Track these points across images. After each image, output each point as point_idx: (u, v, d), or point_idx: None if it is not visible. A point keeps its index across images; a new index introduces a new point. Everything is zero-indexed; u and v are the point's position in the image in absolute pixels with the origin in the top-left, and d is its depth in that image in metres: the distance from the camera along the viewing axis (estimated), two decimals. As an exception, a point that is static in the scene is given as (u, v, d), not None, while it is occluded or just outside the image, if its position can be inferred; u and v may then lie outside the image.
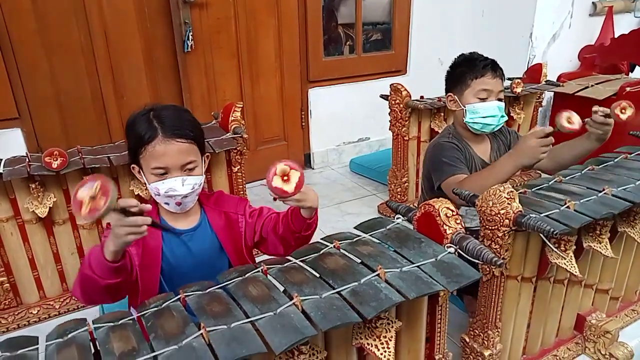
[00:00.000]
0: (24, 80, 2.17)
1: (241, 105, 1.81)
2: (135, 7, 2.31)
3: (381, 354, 0.83)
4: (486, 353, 1.21)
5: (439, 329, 1.05)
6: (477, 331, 1.23)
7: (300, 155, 3.08)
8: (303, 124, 3.02)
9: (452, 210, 0.95)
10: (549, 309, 1.31)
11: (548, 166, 1.59)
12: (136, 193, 1.66)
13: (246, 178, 1.94)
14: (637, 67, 2.98)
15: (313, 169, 3.11)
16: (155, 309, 0.78)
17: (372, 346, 0.84)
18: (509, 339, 1.26)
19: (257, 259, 1.16)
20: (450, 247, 0.91)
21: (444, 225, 0.94)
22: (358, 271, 0.85)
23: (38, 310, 1.69)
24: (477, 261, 0.90)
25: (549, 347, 1.38)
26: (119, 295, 1.06)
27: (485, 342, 1.21)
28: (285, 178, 0.92)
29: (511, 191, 1.05)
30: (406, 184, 2.36)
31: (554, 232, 0.97)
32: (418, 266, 0.87)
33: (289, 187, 0.92)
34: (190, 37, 2.39)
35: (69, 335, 0.71)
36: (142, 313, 0.77)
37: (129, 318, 0.76)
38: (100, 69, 2.33)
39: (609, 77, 2.75)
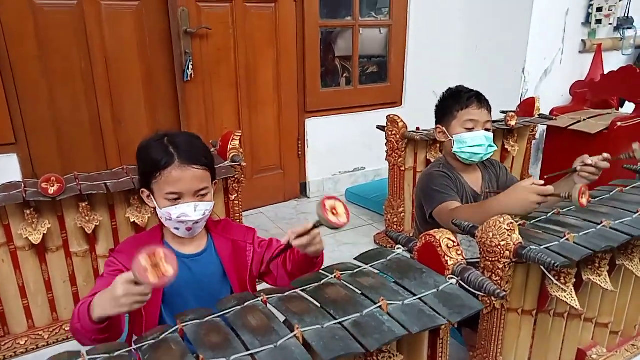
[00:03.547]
0: (22, 105, 2.18)
1: (240, 134, 1.82)
2: (137, 36, 2.35)
3: (383, 388, 0.81)
4: (487, 388, 1.18)
5: (440, 363, 1.03)
6: (477, 365, 1.21)
7: (296, 184, 3.09)
8: (300, 153, 3.03)
9: (453, 241, 0.95)
10: (550, 343, 1.29)
11: None
12: (132, 220, 1.64)
13: (242, 206, 1.93)
14: (626, 102, 3.05)
15: (309, 198, 3.11)
16: (153, 341, 0.76)
17: (373, 381, 0.82)
18: (510, 373, 1.24)
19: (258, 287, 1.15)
20: (452, 278, 0.91)
21: (445, 256, 0.94)
22: (360, 302, 0.84)
23: (26, 341, 1.64)
24: (478, 293, 0.89)
25: (550, 383, 1.35)
26: (113, 340, 1.03)
27: (486, 377, 1.19)
28: (334, 212, 0.95)
29: (511, 222, 1.05)
30: (402, 214, 2.36)
31: (555, 265, 0.97)
32: (420, 298, 0.86)
33: (343, 218, 0.95)
34: (190, 66, 2.42)
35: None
36: (139, 346, 0.75)
37: (125, 350, 0.74)
38: (99, 95, 2.34)
39: (600, 111, 2.81)
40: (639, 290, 1.47)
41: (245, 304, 0.86)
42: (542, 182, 1.30)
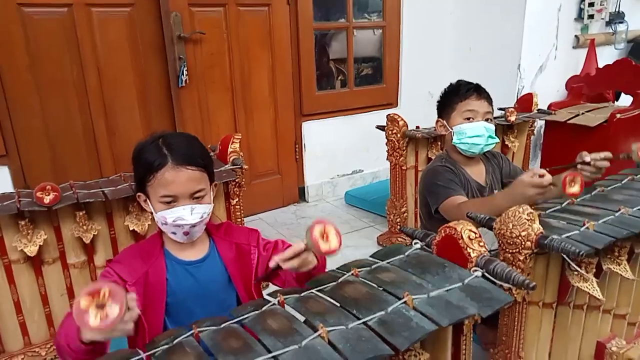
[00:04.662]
0: (13, 116, 2.12)
1: (240, 137, 1.78)
2: (129, 43, 2.31)
3: (411, 389, 0.77)
4: (511, 386, 1.14)
5: (464, 361, 0.99)
6: (499, 363, 1.17)
7: (294, 189, 3.04)
8: (297, 157, 2.99)
9: (475, 233, 0.91)
10: (569, 337, 1.25)
11: None
12: (131, 228, 1.58)
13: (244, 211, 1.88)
14: (621, 95, 3.06)
15: (308, 202, 3.07)
16: (167, 346, 0.71)
17: (400, 381, 0.77)
18: (532, 369, 1.20)
19: (265, 292, 1.10)
20: (477, 270, 0.87)
21: (468, 248, 0.90)
22: (383, 299, 0.80)
23: (22, 358, 1.57)
24: (505, 284, 0.85)
25: (571, 379, 1.31)
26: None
27: (509, 375, 1.15)
28: (325, 237, 0.89)
29: (531, 212, 1.02)
30: (405, 213, 2.33)
31: (581, 253, 0.94)
32: (446, 291, 0.82)
33: (334, 244, 0.89)
34: (184, 72, 2.38)
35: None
36: (152, 352, 0.70)
37: (136, 358, 0.69)
38: (92, 104, 2.29)
39: (597, 105, 2.81)
40: (655, 280, 1.44)
41: (263, 308, 0.81)
42: (543, 171, 1.30)
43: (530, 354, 1.18)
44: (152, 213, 1.11)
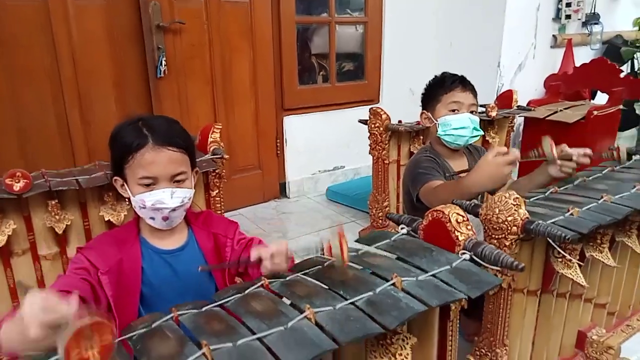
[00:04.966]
0: (-19, 104, 2.03)
1: (220, 126, 1.74)
2: (106, 31, 2.24)
3: (398, 373, 0.75)
4: (495, 374, 1.13)
5: (450, 347, 0.97)
6: (483, 350, 1.16)
7: (275, 184, 3.00)
8: (278, 152, 2.96)
9: (462, 216, 0.90)
10: (552, 325, 1.26)
11: None
12: (107, 219, 1.52)
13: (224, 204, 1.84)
14: (597, 94, 3.13)
15: (289, 198, 3.03)
16: (144, 330, 0.67)
17: (388, 365, 0.75)
18: (516, 357, 1.20)
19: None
20: (465, 253, 0.85)
21: (456, 232, 0.88)
22: (371, 281, 0.78)
23: (-11, 355, 1.49)
24: (493, 267, 0.84)
25: (553, 367, 1.32)
26: None
27: (494, 362, 1.14)
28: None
29: (517, 197, 1.01)
30: (387, 208, 2.32)
31: (567, 237, 0.93)
32: (434, 275, 0.80)
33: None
34: (163, 62, 2.32)
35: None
36: (128, 336, 0.66)
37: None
38: (66, 94, 2.21)
39: (574, 103, 2.86)
40: (633, 270, 1.47)
41: (246, 291, 0.78)
42: (505, 149, 1.30)
43: (515, 342, 1.18)
44: (128, 199, 1.06)
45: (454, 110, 1.60)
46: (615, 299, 1.46)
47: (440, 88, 1.64)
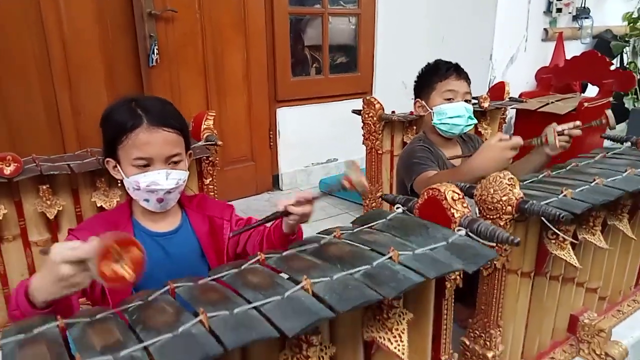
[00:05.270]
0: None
1: (214, 114, 1.73)
2: (97, 18, 2.21)
3: (395, 347, 0.74)
4: (489, 354, 1.14)
5: (445, 326, 0.98)
6: (478, 332, 1.16)
7: (268, 177, 3.00)
8: (271, 144, 2.95)
9: (458, 194, 0.90)
10: (545, 309, 1.27)
11: None
12: (99, 205, 1.51)
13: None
14: (588, 86, 3.16)
15: (282, 190, 3.03)
16: (140, 302, 0.66)
17: (384, 339, 0.75)
18: (510, 339, 1.21)
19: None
20: (461, 229, 0.86)
21: (451, 209, 0.89)
22: (368, 256, 0.78)
23: (-21, 343, 1.47)
24: (489, 243, 0.84)
25: (546, 350, 1.33)
26: None
27: (488, 343, 1.14)
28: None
29: (511, 177, 1.02)
30: (380, 198, 2.32)
31: (561, 216, 0.94)
32: (431, 249, 0.80)
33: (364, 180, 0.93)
34: (155, 51, 2.30)
35: (35, 332, 0.58)
36: (124, 308, 0.65)
37: (108, 312, 0.64)
38: (56, 83, 2.18)
39: (565, 95, 2.89)
40: (624, 255, 1.48)
41: (242, 267, 0.77)
42: (507, 136, 1.32)
43: (509, 326, 1.19)
44: (121, 181, 1.05)
45: (449, 99, 1.60)
46: (606, 284, 1.48)
47: (435, 76, 1.63)
